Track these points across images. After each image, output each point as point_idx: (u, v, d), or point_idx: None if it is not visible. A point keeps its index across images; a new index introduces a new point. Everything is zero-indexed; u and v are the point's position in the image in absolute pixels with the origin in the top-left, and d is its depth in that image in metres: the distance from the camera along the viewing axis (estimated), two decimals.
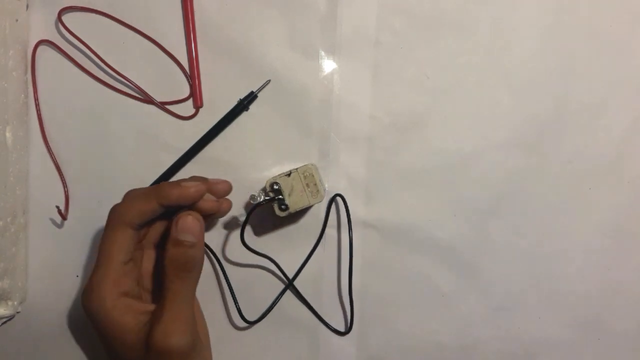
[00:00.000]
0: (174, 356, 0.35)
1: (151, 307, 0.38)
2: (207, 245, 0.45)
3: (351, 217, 0.44)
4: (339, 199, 0.45)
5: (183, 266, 0.37)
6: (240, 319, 0.45)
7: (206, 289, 0.46)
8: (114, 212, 0.38)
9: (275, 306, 0.46)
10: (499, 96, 0.45)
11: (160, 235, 0.41)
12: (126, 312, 0.36)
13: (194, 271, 0.37)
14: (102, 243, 0.38)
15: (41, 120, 0.45)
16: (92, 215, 0.46)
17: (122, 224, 0.38)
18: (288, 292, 0.46)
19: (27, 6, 0.44)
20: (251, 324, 0.46)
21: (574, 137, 0.45)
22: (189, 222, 0.37)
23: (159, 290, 0.39)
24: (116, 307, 0.36)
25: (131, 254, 0.39)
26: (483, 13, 0.45)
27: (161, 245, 0.42)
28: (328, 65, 0.45)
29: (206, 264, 0.46)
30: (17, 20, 0.43)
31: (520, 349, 0.47)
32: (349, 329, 0.46)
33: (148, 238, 0.41)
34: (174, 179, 0.45)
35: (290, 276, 0.46)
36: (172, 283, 0.36)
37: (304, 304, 0.46)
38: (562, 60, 0.45)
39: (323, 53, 0.45)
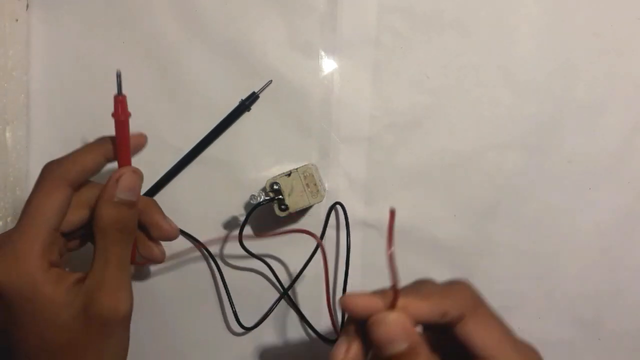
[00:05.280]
0: (119, 324, 0.32)
1: (79, 275, 0.33)
2: (205, 247, 0.45)
3: (351, 218, 0.44)
4: (338, 207, 0.44)
5: (124, 228, 0.33)
6: (237, 324, 0.45)
7: (203, 291, 0.46)
8: (51, 169, 0.33)
9: (272, 312, 0.46)
10: (499, 96, 0.45)
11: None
12: (59, 285, 0.31)
13: (133, 233, 0.34)
14: (33, 204, 0.32)
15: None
16: None
17: (62, 183, 0.32)
18: (285, 296, 0.46)
19: (27, 6, 0.44)
20: (248, 330, 0.45)
21: (574, 137, 0.45)
22: (131, 179, 0.33)
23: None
24: (48, 280, 0.31)
25: (64, 217, 0.33)
26: (483, 13, 0.45)
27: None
28: (328, 65, 0.45)
29: (203, 266, 0.46)
30: (17, 20, 0.43)
31: None
32: None
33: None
34: (176, 180, 0.45)
35: (291, 277, 0.46)
36: (113, 247, 0.32)
37: (297, 314, 0.46)
38: (562, 60, 0.45)
39: (323, 53, 0.45)
